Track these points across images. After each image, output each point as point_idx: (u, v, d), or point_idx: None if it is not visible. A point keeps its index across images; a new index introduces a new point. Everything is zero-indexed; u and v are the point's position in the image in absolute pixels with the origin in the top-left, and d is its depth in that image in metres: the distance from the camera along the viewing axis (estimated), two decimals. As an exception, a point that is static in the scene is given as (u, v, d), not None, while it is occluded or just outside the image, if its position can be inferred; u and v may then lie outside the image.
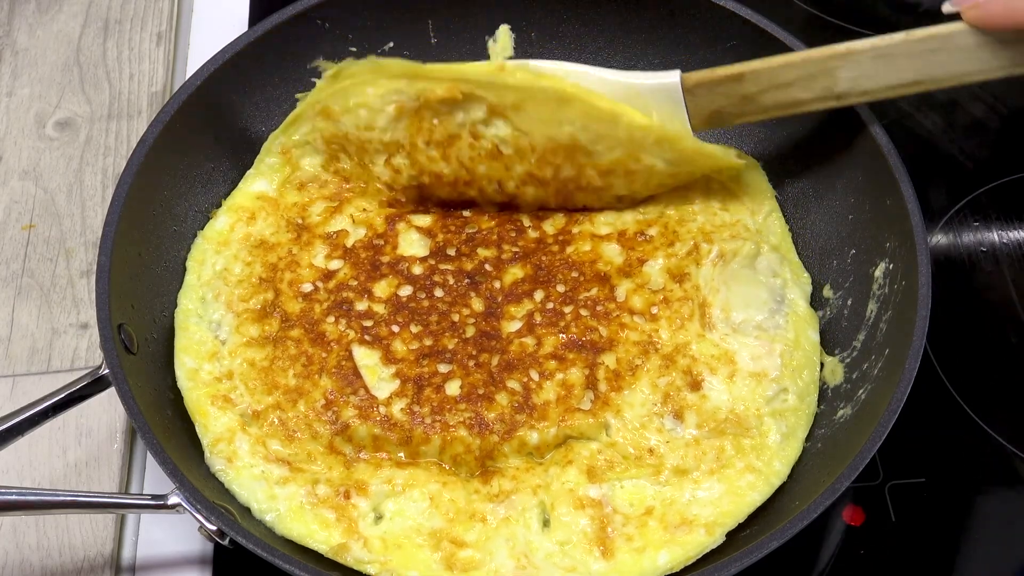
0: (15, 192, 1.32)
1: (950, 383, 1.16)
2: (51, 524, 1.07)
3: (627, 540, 0.98)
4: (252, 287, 1.12)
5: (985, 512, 1.10)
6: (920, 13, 1.47)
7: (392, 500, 1.01)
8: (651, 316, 1.09)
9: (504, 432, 1.02)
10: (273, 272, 1.13)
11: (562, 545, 0.98)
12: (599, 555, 0.97)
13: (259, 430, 1.04)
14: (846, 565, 1.07)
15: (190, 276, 1.14)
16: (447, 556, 0.97)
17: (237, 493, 1.01)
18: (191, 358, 1.08)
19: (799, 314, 1.11)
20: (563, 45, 1.30)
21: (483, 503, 1.00)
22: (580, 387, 1.05)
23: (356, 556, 0.97)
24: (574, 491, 1.00)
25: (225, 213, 1.18)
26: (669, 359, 1.06)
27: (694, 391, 1.05)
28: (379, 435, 1.03)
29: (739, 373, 1.06)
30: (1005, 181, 1.32)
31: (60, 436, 1.13)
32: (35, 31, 1.46)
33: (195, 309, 1.12)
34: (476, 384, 1.05)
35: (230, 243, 1.16)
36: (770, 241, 1.15)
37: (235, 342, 1.09)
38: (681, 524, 0.98)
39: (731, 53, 1.22)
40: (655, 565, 0.96)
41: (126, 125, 1.37)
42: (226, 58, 1.18)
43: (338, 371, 1.06)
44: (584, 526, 0.98)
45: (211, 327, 1.11)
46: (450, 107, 1.09)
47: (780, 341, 1.08)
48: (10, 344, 1.20)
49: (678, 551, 0.97)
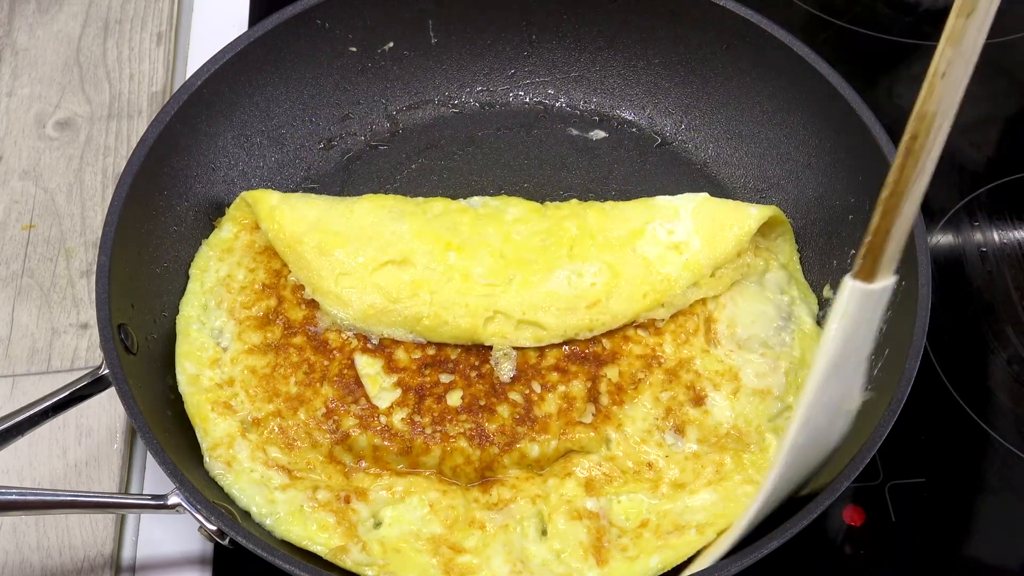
0: (15, 192, 1.32)
1: (950, 383, 1.16)
2: (51, 524, 1.07)
3: (622, 551, 0.98)
4: (255, 294, 1.12)
5: (985, 512, 1.10)
6: (920, 13, 1.47)
7: (391, 507, 1.00)
8: (655, 330, 1.08)
9: (504, 444, 1.02)
10: (276, 279, 1.12)
11: (558, 554, 0.98)
12: (593, 563, 0.97)
13: (259, 436, 1.04)
14: (846, 565, 1.06)
15: (193, 284, 1.13)
16: (445, 561, 0.97)
17: (236, 497, 1.00)
18: (192, 363, 1.08)
19: (805, 332, 1.09)
20: (563, 45, 1.30)
21: (482, 511, 1.00)
22: (582, 400, 1.04)
23: (355, 559, 0.96)
24: (572, 502, 1.00)
25: (229, 222, 1.17)
26: (672, 374, 1.06)
27: (697, 406, 1.04)
28: (379, 445, 1.02)
29: (743, 390, 1.05)
30: (1005, 181, 1.32)
31: (60, 436, 1.13)
32: (35, 31, 1.46)
33: (197, 316, 1.11)
34: (477, 395, 1.05)
35: (234, 250, 1.15)
36: (779, 259, 1.15)
37: (237, 349, 1.09)
38: (674, 531, 0.98)
39: (731, 53, 1.22)
40: (647, 567, 0.96)
41: (126, 125, 1.37)
42: (226, 58, 1.18)
43: (340, 379, 1.06)
44: (580, 536, 0.98)
45: (212, 334, 1.10)
46: None
47: (785, 359, 1.07)
48: (10, 344, 1.20)
49: (670, 553, 0.97)
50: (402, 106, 1.32)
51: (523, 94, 1.33)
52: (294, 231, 1.11)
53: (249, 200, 1.15)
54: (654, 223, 1.12)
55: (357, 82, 1.29)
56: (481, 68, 1.32)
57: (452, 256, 1.09)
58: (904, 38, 1.43)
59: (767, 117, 1.22)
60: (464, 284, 1.08)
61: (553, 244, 1.10)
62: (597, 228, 1.12)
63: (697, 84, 1.27)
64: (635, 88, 1.31)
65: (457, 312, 1.06)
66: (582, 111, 1.32)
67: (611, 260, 1.09)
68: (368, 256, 1.09)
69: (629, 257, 1.09)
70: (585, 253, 1.10)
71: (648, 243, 1.10)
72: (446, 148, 1.30)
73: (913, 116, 0.76)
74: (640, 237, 1.11)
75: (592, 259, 1.09)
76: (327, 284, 1.08)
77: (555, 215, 1.14)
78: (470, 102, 1.33)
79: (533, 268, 1.09)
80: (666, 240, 1.10)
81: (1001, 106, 1.40)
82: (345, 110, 1.30)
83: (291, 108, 1.26)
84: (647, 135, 1.30)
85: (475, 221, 1.13)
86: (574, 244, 1.10)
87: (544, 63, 1.32)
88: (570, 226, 1.12)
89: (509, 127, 1.31)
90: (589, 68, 1.31)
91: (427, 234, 1.10)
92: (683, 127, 1.29)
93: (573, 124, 1.31)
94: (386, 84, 1.31)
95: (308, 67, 1.25)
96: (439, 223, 1.12)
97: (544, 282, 1.08)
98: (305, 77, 1.26)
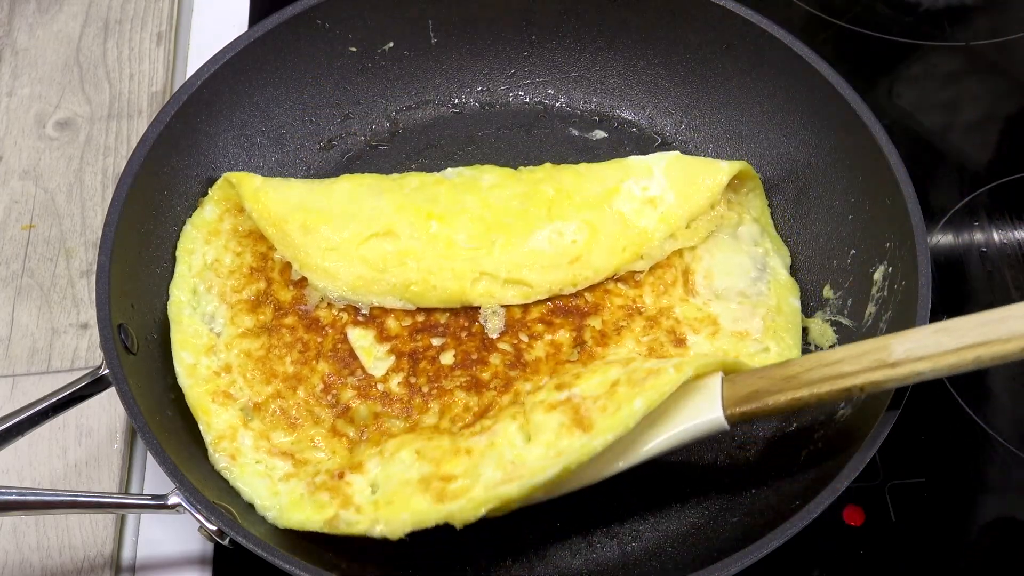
0: (15, 192, 1.32)
1: (950, 383, 1.16)
2: (51, 524, 1.07)
3: (601, 411, 0.97)
4: (244, 277, 1.13)
5: (985, 512, 1.10)
6: (920, 13, 1.47)
7: (382, 467, 1.01)
8: (635, 283, 1.13)
9: (500, 387, 1.05)
10: (264, 261, 1.14)
11: (546, 445, 0.96)
12: (580, 433, 0.96)
13: (261, 423, 1.05)
14: (846, 565, 1.06)
15: (180, 266, 1.13)
16: (437, 493, 0.96)
17: (241, 490, 1.01)
18: (189, 353, 1.08)
19: (780, 282, 1.13)
20: (563, 45, 1.30)
21: (467, 440, 1.01)
22: (568, 345, 1.08)
23: (347, 520, 0.97)
24: (545, 400, 1.00)
25: (211, 203, 1.17)
26: (653, 320, 1.10)
27: (677, 347, 1.08)
28: (380, 412, 1.05)
29: (721, 332, 1.09)
30: (1005, 181, 1.32)
31: (60, 436, 1.13)
32: (35, 31, 1.46)
33: (188, 301, 1.12)
34: (469, 351, 1.08)
35: (220, 233, 1.16)
36: (751, 213, 1.18)
37: (230, 333, 1.10)
38: (648, 376, 0.96)
39: (731, 53, 1.22)
40: (631, 411, 0.94)
41: (126, 125, 1.37)
42: (226, 58, 1.18)
43: (334, 354, 1.08)
44: (560, 420, 0.97)
45: (205, 319, 1.11)
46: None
47: (762, 306, 1.11)
48: (10, 344, 1.20)
49: (652, 393, 0.95)
50: (402, 106, 1.32)
51: (523, 94, 1.33)
52: (279, 211, 1.13)
53: (233, 180, 1.16)
54: (628, 181, 1.16)
55: (357, 82, 1.29)
56: (481, 68, 1.32)
57: (434, 225, 1.12)
58: (904, 38, 1.43)
59: (767, 117, 1.22)
60: (448, 250, 1.11)
61: (532, 206, 1.14)
62: (573, 188, 1.15)
63: (697, 84, 1.27)
64: (635, 88, 1.31)
65: (444, 276, 1.10)
66: (582, 111, 1.32)
67: (589, 217, 1.13)
68: (352, 231, 1.12)
69: (607, 214, 1.13)
70: (564, 213, 1.14)
71: (624, 200, 1.14)
72: (446, 148, 1.30)
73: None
74: (616, 195, 1.15)
75: (571, 218, 1.13)
76: (315, 260, 1.11)
77: (530, 179, 1.17)
78: (470, 102, 1.33)
79: (514, 229, 1.12)
80: (641, 196, 1.15)
81: (1001, 106, 1.40)
82: (345, 110, 1.30)
83: (291, 108, 1.26)
84: (647, 135, 1.30)
85: (452, 191, 1.16)
86: (552, 205, 1.14)
87: (544, 63, 1.32)
88: (546, 188, 1.15)
89: (509, 127, 1.32)
90: (589, 68, 1.31)
91: (407, 207, 1.13)
92: (683, 127, 1.29)
93: (573, 124, 1.31)
94: (386, 84, 1.31)
95: (308, 67, 1.25)
96: (418, 195, 1.15)
97: (526, 242, 1.12)
98: (305, 77, 1.26)
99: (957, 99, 1.41)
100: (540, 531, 1.04)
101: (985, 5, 1.47)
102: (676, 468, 1.08)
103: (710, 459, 1.08)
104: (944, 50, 1.43)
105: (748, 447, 1.09)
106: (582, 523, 1.05)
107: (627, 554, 1.03)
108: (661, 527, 1.04)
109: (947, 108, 1.40)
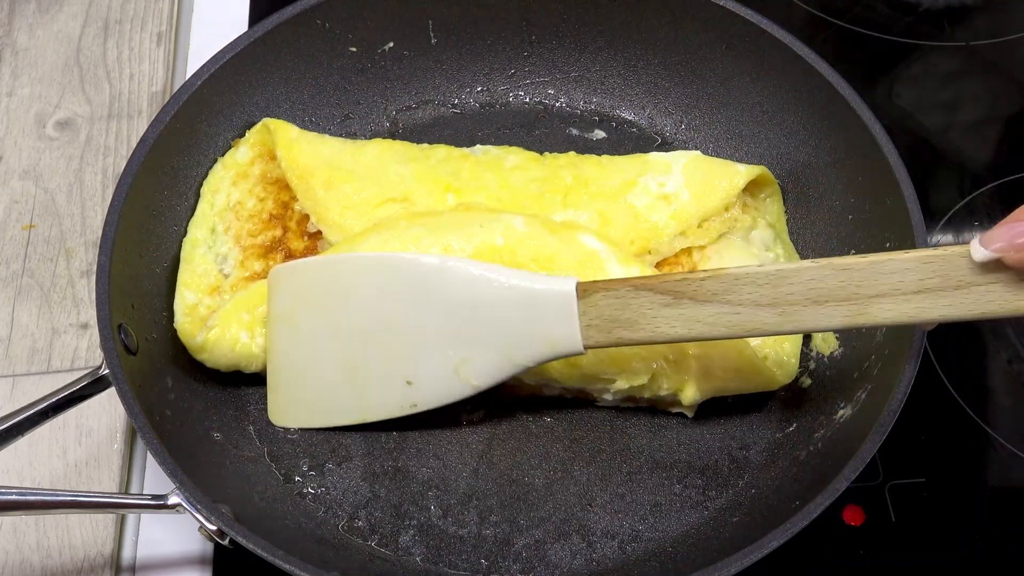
0: (15, 192, 1.32)
1: (950, 383, 1.16)
2: (51, 524, 1.07)
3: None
4: (262, 223, 1.15)
5: (985, 512, 1.10)
6: (920, 13, 1.47)
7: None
8: None
9: None
10: (284, 210, 1.16)
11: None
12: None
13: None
14: (846, 565, 1.07)
15: (203, 204, 1.16)
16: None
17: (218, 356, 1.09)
18: (192, 292, 1.11)
19: None
20: (563, 45, 1.30)
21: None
22: None
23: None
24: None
25: (246, 145, 1.19)
26: None
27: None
28: None
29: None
30: (1005, 181, 1.32)
31: (60, 436, 1.13)
32: (35, 31, 1.46)
33: (204, 239, 1.14)
34: None
35: (248, 176, 1.18)
36: (766, 218, 1.17)
37: (238, 276, 1.12)
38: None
39: (731, 53, 1.22)
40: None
41: (126, 125, 1.37)
42: (226, 58, 1.18)
43: None
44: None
45: (217, 260, 1.13)
46: None
47: None
48: (10, 344, 1.20)
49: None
50: (402, 106, 1.32)
51: (523, 94, 1.33)
52: (308, 164, 1.16)
53: (271, 127, 1.18)
54: (646, 176, 1.16)
55: (357, 82, 1.29)
56: (481, 68, 1.32)
57: (451, 197, 1.14)
58: (904, 38, 1.43)
59: (767, 117, 1.22)
60: None
61: (549, 192, 1.14)
62: (592, 178, 1.16)
63: (697, 84, 1.27)
64: (635, 88, 1.31)
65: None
66: (582, 111, 1.32)
67: (602, 208, 1.13)
68: (372, 192, 1.14)
69: (620, 206, 1.13)
70: (579, 201, 1.14)
71: (639, 194, 1.14)
72: (446, 148, 1.30)
73: None
74: (632, 188, 1.15)
75: (585, 207, 1.13)
76: (333, 215, 1.13)
77: (552, 164, 1.18)
78: (470, 102, 1.33)
79: (528, 212, 1.12)
80: (656, 191, 1.14)
81: (1001, 106, 1.40)
82: (345, 110, 1.30)
83: (291, 108, 1.26)
84: (647, 135, 1.30)
85: (475, 167, 1.17)
86: (568, 192, 1.14)
87: (544, 63, 1.32)
88: (566, 175, 1.16)
89: (509, 127, 1.32)
90: (589, 68, 1.31)
91: (428, 177, 1.15)
92: (683, 127, 1.29)
93: (573, 124, 1.32)
94: (386, 84, 1.31)
95: (308, 67, 1.25)
96: (441, 168, 1.16)
97: None
98: (305, 77, 1.26)
99: (957, 99, 1.41)
100: (540, 531, 1.04)
101: (985, 5, 1.47)
102: (676, 468, 1.08)
103: (710, 459, 1.08)
104: (944, 50, 1.43)
105: (748, 447, 1.09)
106: (582, 523, 1.05)
107: (627, 554, 1.03)
108: (661, 527, 1.04)
109: (947, 108, 1.40)
